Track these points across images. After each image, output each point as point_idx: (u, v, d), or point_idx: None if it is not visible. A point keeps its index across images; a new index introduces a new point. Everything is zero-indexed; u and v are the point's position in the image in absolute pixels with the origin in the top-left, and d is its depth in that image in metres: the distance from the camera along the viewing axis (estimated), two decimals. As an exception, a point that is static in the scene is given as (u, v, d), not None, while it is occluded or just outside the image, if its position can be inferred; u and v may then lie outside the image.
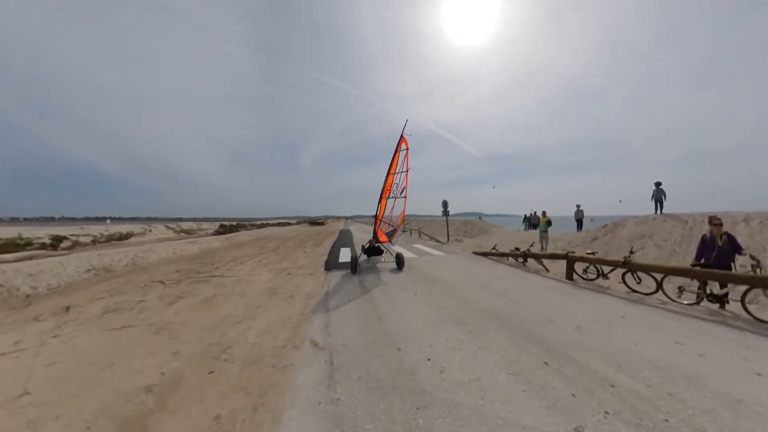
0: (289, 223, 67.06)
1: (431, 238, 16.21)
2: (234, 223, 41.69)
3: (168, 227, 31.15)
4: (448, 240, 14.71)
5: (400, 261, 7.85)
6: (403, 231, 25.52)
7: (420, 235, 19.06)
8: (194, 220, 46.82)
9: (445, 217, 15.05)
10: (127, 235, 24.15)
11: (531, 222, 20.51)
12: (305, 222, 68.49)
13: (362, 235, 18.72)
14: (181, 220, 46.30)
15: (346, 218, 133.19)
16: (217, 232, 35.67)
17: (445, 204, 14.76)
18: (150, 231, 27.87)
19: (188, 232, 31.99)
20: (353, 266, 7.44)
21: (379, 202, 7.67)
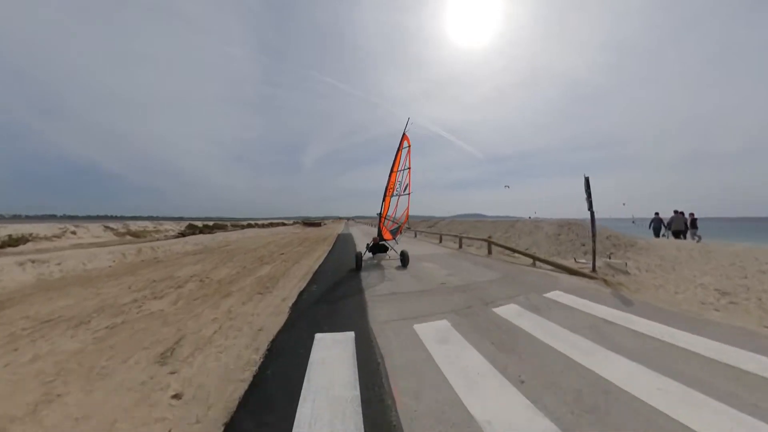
0: (283, 224, 58.46)
1: (541, 262, 7.67)
2: (210, 223, 33.30)
3: (107, 228, 22.64)
4: (594, 268, 6.26)
5: (405, 258, 7.40)
6: (408, 228, 22.12)
7: (465, 244, 10.49)
8: (196, 219, 39.70)
9: (590, 217, 6.54)
10: (17, 241, 15.84)
11: (668, 228, 12.04)
12: (301, 223, 60.11)
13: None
14: (183, 219, 39.80)
15: (348, 219, 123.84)
16: (181, 234, 27.30)
17: (587, 184, 6.32)
18: (73, 233, 19.51)
19: (137, 235, 23.56)
20: (357, 264, 7.05)
21: (384, 200, 7.55)
